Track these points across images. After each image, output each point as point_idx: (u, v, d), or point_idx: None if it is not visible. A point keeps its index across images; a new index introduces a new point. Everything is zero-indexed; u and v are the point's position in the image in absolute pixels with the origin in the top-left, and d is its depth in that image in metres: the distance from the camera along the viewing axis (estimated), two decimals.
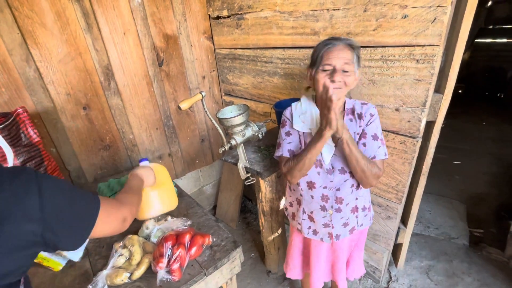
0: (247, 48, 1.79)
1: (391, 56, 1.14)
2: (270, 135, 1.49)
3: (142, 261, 0.97)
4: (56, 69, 1.40)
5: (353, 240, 1.19)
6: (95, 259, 1.06)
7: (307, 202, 1.07)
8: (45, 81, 1.38)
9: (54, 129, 1.47)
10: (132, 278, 0.94)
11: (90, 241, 1.15)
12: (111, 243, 1.11)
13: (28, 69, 1.32)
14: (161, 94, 1.84)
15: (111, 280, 0.92)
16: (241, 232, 2.25)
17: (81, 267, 1.03)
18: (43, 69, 1.36)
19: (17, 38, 1.26)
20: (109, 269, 0.95)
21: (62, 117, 1.48)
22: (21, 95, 1.33)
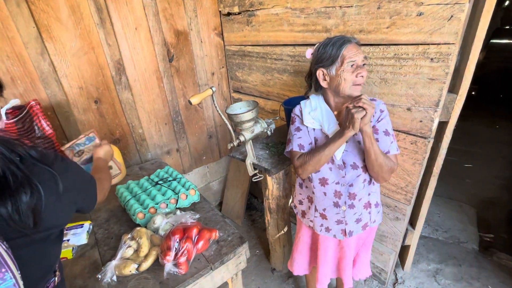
0: (257, 45, 1.78)
1: (404, 55, 1.12)
2: (278, 132, 1.49)
3: (149, 253, 0.99)
4: (69, 62, 1.42)
5: (361, 239, 1.18)
6: (104, 249, 1.08)
7: (320, 199, 1.06)
8: (58, 74, 1.41)
9: (67, 122, 1.50)
10: (139, 269, 0.96)
11: (100, 232, 1.17)
12: (119, 234, 1.14)
13: (43, 62, 1.35)
14: (171, 90, 1.85)
15: (120, 271, 0.94)
16: (246, 229, 2.25)
17: (91, 257, 1.05)
18: (57, 62, 1.39)
19: (33, 32, 1.29)
20: (118, 260, 0.97)
21: (74, 110, 1.51)
22: (35, 88, 1.36)
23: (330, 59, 0.91)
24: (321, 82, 0.97)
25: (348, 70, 0.90)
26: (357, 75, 0.90)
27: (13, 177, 0.45)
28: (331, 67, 0.92)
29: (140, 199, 1.25)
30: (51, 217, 0.52)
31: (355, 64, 0.90)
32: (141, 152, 1.84)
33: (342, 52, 0.89)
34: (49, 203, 0.50)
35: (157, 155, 1.93)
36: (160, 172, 1.48)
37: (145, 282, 0.93)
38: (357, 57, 0.89)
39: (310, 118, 1.02)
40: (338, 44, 0.90)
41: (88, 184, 0.71)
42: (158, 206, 1.20)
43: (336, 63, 0.90)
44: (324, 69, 0.94)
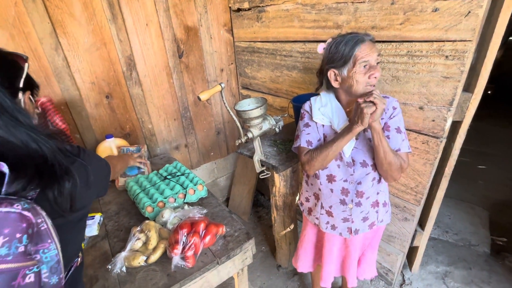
0: (266, 41, 1.77)
1: (418, 52, 1.09)
2: (286, 129, 1.48)
3: (158, 246, 1.01)
4: (82, 58, 1.45)
5: (367, 238, 1.17)
6: (113, 241, 1.10)
7: (326, 196, 1.06)
8: (72, 69, 1.44)
9: (79, 116, 1.54)
10: (148, 261, 0.98)
11: (110, 224, 1.20)
12: (129, 227, 1.16)
13: (57, 57, 1.38)
14: (180, 86, 1.87)
15: (129, 262, 0.96)
16: (252, 226, 2.27)
17: (101, 248, 1.08)
18: (70, 58, 1.42)
19: (47, 28, 1.32)
20: (127, 251, 0.99)
21: (86, 105, 1.54)
22: (50, 82, 1.39)
23: (342, 60, 0.88)
24: (333, 83, 0.95)
25: (361, 71, 0.87)
26: (370, 77, 0.87)
27: (59, 166, 0.52)
28: (343, 68, 0.89)
29: (149, 193, 1.27)
30: (81, 202, 0.59)
31: (368, 64, 0.87)
32: (150, 147, 1.87)
33: (355, 53, 0.86)
34: (81, 189, 0.57)
35: (166, 150, 1.95)
36: (168, 167, 1.50)
37: (153, 274, 0.95)
38: (370, 57, 0.86)
39: (320, 114, 1.01)
40: (351, 43, 0.87)
41: (105, 171, 0.77)
42: (166, 200, 1.21)
43: (348, 64, 0.88)
44: (335, 69, 0.91)
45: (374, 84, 0.89)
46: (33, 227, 0.44)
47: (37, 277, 0.44)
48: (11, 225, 0.42)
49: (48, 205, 0.50)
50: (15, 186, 0.46)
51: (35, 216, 0.44)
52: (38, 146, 0.51)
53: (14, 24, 1.23)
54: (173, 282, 0.92)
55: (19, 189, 0.47)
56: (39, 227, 0.45)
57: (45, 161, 0.51)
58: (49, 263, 0.46)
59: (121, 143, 1.58)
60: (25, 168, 0.48)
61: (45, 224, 0.46)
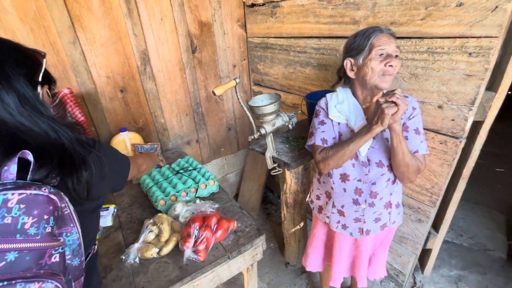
0: (280, 37, 1.75)
1: (439, 49, 1.06)
2: (299, 126, 1.47)
3: (170, 239, 1.02)
4: (98, 52, 1.47)
5: (378, 238, 1.15)
6: (127, 232, 1.13)
7: (338, 195, 1.04)
8: (88, 63, 1.46)
9: (94, 110, 1.57)
10: (160, 253, 0.99)
11: (123, 216, 1.22)
12: (142, 219, 1.18)
13: (74, 51, 1.40)
14: (193, 81, 1.87)
15: (142, 254, 0.97)
16: (261, 222, 2.27)
17: (115, 238, 1.10)
18: (87, 52, 1.44)
19: (66, 22, 1.34)
20: (140, 243, 1.01)
21: (101, 98, 1.57)
22: (67, 76, 1.42)
23: (358, 49, 0.87)
24: (348, 72, 0.93)
25: (376, 59, 0.85)
26: (386, 64, 0.84)
27: (77, 155, 0.54)
28: (359, 56, 0.88)
29: (161, 187, 1.29)
30: (97, 192, 0.61)
31: (385, 53, 0.85)
32: (162, 141, 1.89)
33: (371, 41, 0.85)
34: (96, 179, 0.59)
35: (178, 145, 1.97)
36: (180, 162, 1.51)
37: (165, 266, 0.96)
38: (388, 46, 0.84)
39: (336, 111, 0.99)
40: (368, 33, 0.86)
41: (123, 165, 0.78)
42: (179, 194, 1.23)
43: (363, 52, 0.86)
44: (351, 58, 0.90)
45: (390, 74, 0.86)
46: (58, 211, 0.46)
47: (61, 257, 0.46)
48: (39, 206, 0.44)
49: (67, 193, 0.52)
50: (40, 174, 0.48)
51: (60, 200, 0.47)
52: (58, 135, 0.53)
53: (34, 18, 1.26)
54: (184, 274, 0.93)
55: (43, 177, 0.49)
56: (63, 211, 0.48)
57: (64, 150, 0.53)
58: (71, 246, 0.49)
59: (134, 137, 1.60)
60: (49, 157, 0.50)
61: (67, 209, 0.48)
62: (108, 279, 0.93)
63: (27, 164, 0.47)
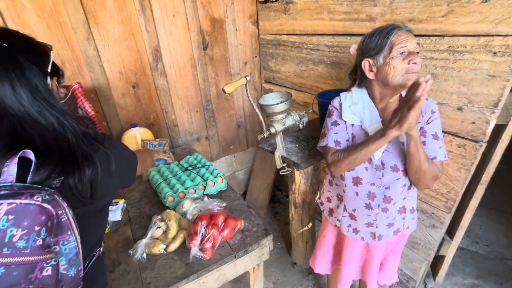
0: (293, 34, 1.72)
1: (461, 47, 1.00)
2: (310, 126, 1.44)
3: (177, 235, 1.02)
4: (111, 48, 1.49)
5: (390, 244, 1.12)
6: (135, 227, 1.14)
7: (350, 198, 1.01)
8: (102, 59, 1.48)
9: (107, 105, 1.59)
10: (167, 250, 0.99)
11: (132, 211, 1.24)
12: (150, 215, 1.19)
13: (88, 47, 1.42)
14: (204, 78, 1.87)
15: (149, 249, 0.98)
16: (268, 221, 2.26)
17: (124, 233, 1.12)
18: (101, 47, 1.46)
19: (81, 18, 1.36)
20: (148, 238, 1.01)
21: (114, 94, 1.59)
22: (81, 71, 1.45)
23: (376, 48, 0.83)
24: (367, 74, 0.88)
25: (398, 57, 0.80)
26: (410, 62, 0.79)
27: (81, 152, 0.52)
28: (378, 56, 0.83)
29: (170, 183, 1.29)
30: (104, 191, 0.59)
31: (406, 50, 0.80)
32: (172, 138, 1.90)
33: (391, 39, 0.80)
34: (103, 178, 0.56)
35: (187, 142, 1.98)
36: (189, 158, 1.51)
37: (172, 262, 0.97)
38: (408, 43, 0.79)
39: (350, 112, 0.95)
40: (386, 31, 0.82)
41: (132, 160, 0.76)
42: (187, 191, 1.23)
43: (383, 51, 0.82)
44: (370, 59, 0.86)
45: (415, 72, 0.81)
46: (53, 219, 0.44)
47: (54, 270, 0.43)
48: (30, 217, 0.41)
49: (70, 193, 0.50)
50: (40, 174, 0.46)
51: (55, 208, 0.44)
52: (63, 129, 0.51)
53: (50, 14, 1.29)
54: (190, 272, 0.93)
55: (44, 178, 0.46)
56: (60, 219, 0.45)
57: (68, 146, 0.51)
58: (68, 255, 0.46)
59: (145, 133, 1.62)
60: (50, 155, 0.48)
61: (65, 216, 0.45)
62: (116, 273, 0.94)
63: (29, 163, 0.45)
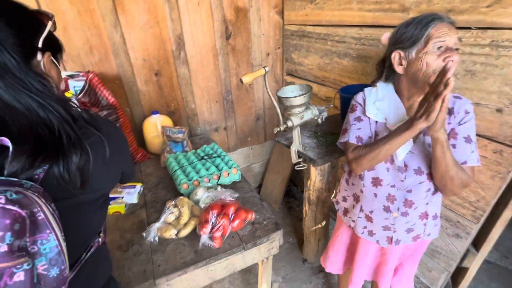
0: (319, 25, 1.65)
1: (506, 42, 0.90)
2: (329, 121, 1.39)
3: (189, 222, 1.04)
4: (137, 35, 1.52)
5: (408, 249, 1.06)
6: (150, 211, 1.18)
7: (368, 199, 0.97)
8: (127, 46, 1.52)
9: (130, 92, 1.64)
10: (178, 235, 1.02)
11: (148, 195, 1.28)
12: (165, 200, 1.22)
13: (115, 34, 1.47)
14: (225, 68, 1.86)
15: (161, 233, 1.01)
16: (282, 215, 2.24)
17: (139, 215, 1.16)
18: (127, 35, 1.49)
19: (109, 5, 1.40)
20: (161, 223, 1.04)
21: (137, 81, 1.63)
22: (107, 58, 1.50)
23: (411, 39, 0.75)
24: (396, 67, 0.81)
25: (433, 52, 0.72)
26: (445, 59, 0.71)
27: (67, 137, 0.47)
28: (411, 48, 0.76)
29: (186, 171, 1.31)
30: (98, 180, 0.54)
31: (444, 45, 0.72)
32: (191, 127, 1.93)
33: (429, 31, 0.72)
34: (96, 165, 0.51)
35: (206, 131, 2.00)
36: (206, 148, 1.53)
37: (182, 247, 0.99)
38: (448, 38, 0.71)
39: (374, 108, 0.89)
40: (425, 21, 0.73)
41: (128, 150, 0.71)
42: (201, 180, 1.24)
43: (418, 44, 0.74)
44: (401, 51, 0.78)
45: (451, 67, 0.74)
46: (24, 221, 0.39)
47: (28, 274, 0.39)
48: None
49: (56, 183, 0.46)
50: (17, 164, 0.42)
51: (27, 207, 0.39)
52: (45, 113, 0.45)
53: (81, 1, 1.33)
54: (199, 259, 0.94)
55: (25, 167, 0.42)
56: (36, 217, 0.40)
57: (51, 131, 0.46)
58: (48, 254, 0.42)
59: (165, 120, 1.65)
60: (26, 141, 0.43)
61: (42, 214, 0.41)
62: (130, 253, 0.98)
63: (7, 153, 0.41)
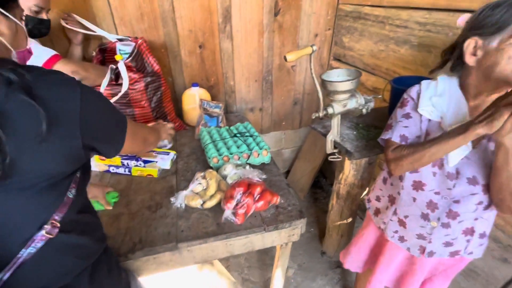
0: (379, 5, 1.48)
1: None
2: (374, 113, 1.27)
3: (215, 195, 1.06)
4: (185, 4, 1.52)
5: (442, 264, 0.96)
6: (180, 179, 1.22)
7: (405, 203, 0.88)
8: (176, 15, 1.53)
9: (174, 61, 1.67)
10: (203, 206, 1.05)
11: (180, 163, 1.32)
12: (195, 170, 1.26)
13: (166, 1, 1.48)
14: (269, 46, 1.80)
15: (188, 201, 1.05)
16: (306, 205, 2.21)
17: (170, 181, 1.21)
18: (176, 3, 1.50)
19: None
20: (189, 191, 1.08)
21: (182, 51, 1.65)
22: (156, 25, 1.53)
23: (496, 25, 0.62)
24: (467, 57, 0.69)
25: None
26: None
27: None
28: (493, 37, 0.63)
29: (217, 146, 1.33)
30: (26, 160, 0.42)
31: None
32: (228, 103, 1.93)
33: None
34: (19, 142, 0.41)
35: (241, 110, 1.99)
36: (239, 126, 1.52)
37: (205, 218, 1.02)
38: None
39: (430, 104, 0.78)
40: None
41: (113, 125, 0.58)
42: (231, 156, 1.25)
43: (504, 32, 0.61)
44: (479, 38, 0.65)
45: None
46: None
47: None
48: None
49: None
50: None
51: None
52: None
53: None
54: (220, 231, 0.96)
55: None
56: None
57: None
58: None
59: (204, 94, 1.67)
60: None
61: None
62: (157, 214, 1.04)
63: None
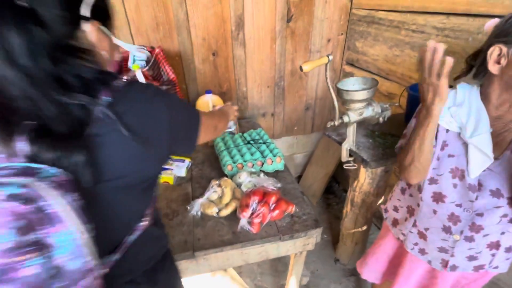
0: (394, 10, 1.46)
1: None
2: (391, 121, 1.25)
3: (230, 203, 1.07)
4: (199, 13, 1.54)
5: (465, 278, 0.93)
6: (195, 186, 1.24)
7: (424, 215, 0.86)
8: (190, 23, 1.56)
9: (188, 69, 1.70)
10: (219, 214, 1.05)
11: (195, 171, 1.34)
12: (210, 178, 1.27)
13: (180, 11, 1.51)
14: (281, 53, 1.80)
15: (204, 209, 1.06)
16: (319, 211, 2.19)
17: (185, 188, 1.23)
18: (190, 12, 1.52)
19: None
20: (204, 199, 1.09)
21: (195, 59, 1.68)
22: (171, 34, 1.56)
23: None
24: (490, 65, 0.65)
25: None
26: None
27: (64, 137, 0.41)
28: None
29: (231, 153, 1.34)
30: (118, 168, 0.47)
31: None
32: (240, 109, 1.94)
33: None
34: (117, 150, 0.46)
35: (253, 115, 2.00)
36: (252, 133, 1.53)
37: (221, 226, 1.02)
38: None
39: (448, 115, 0.76)
40: None
41: (188, 122, 0.61)
42: (245, 164, 1.25)
43: None
44: (505, 45, 0.63)
45: None
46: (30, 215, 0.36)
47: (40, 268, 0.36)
48: None
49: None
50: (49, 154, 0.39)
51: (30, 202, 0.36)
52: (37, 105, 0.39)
53: None
54: (236, 240, 0.97)
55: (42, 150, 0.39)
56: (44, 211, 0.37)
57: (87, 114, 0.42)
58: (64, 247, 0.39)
59: (217, 100, 1.68)
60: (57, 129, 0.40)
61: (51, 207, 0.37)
62: (174, 222, 1.05)
63: None
